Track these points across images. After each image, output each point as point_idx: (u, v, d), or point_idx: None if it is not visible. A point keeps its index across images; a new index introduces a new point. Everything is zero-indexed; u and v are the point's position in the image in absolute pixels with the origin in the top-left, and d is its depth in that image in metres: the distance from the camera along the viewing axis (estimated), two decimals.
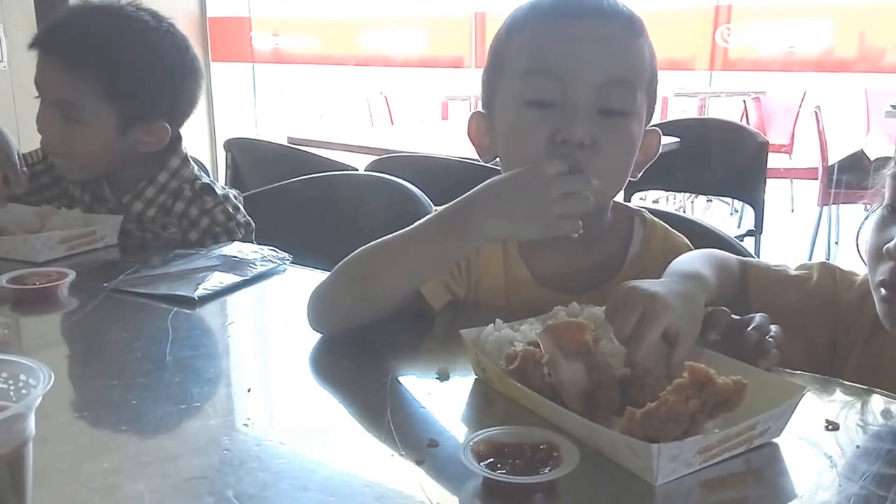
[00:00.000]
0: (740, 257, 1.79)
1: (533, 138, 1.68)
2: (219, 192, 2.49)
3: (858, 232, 1.62)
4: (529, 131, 1.70)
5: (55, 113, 2.34)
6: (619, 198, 1.96)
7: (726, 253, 1.77)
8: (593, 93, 1.66)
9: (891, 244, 1.47)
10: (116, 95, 2.32)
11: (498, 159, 1.83)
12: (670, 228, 1.93)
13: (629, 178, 1.81)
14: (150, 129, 2.40)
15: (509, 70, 1.76)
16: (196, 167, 2.56)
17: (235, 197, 2.54)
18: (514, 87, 1.74)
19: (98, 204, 2.52)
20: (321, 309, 1.69)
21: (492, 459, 1.11)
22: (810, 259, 6.70)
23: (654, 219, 1.94)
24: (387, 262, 1.66)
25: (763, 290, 1.72)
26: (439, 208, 1.69)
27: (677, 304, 1.39)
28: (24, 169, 2.45)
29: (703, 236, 2.01)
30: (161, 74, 2.39)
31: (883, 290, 1.52)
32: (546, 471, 1.09)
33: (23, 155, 2.49)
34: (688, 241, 1.90)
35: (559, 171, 1.51)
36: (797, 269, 1.77)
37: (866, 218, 1.63)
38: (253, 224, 2.51)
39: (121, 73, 2.32)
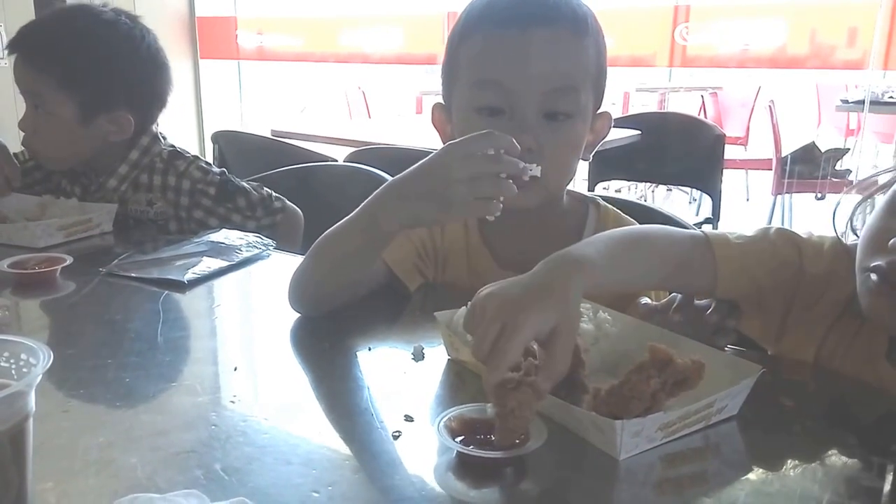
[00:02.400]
0: (693, 231, 1.68)
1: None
2: (187, 154, 2.56)
3: (835, 212, 1.53)
4: None
5: (29, 105, 2.41)
6: (584, 187, 1.97)
7: (669, 233, 1.59)
8: (538, 99, 1.67)
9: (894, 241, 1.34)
10: (70, 85, 2.37)
11: None
12: (622, 214, 1.93)
13: (581, 160, 1.83)
14: (113, 118, 2.44)
15: (461, 75, 1.77)
16: (166, 142, 2.61)
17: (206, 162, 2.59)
18: (465, 95, 1.76)
19: (87, 193, 2.55)
20: (298, 291, 1.70)
21: (464, 436, 1.12)
22: None
23: (608, 205, 1.94)
24: (337, 246, 1.65)
25: (728, 261, 1.62)
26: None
27: (544, 306, 1.20)
28: (16, 164, 2.50)
29: (663, 224, 2.01)
30: (114, 64, 2.43)
31: (874, 276, 1.38)
32: (517, 445, 1.09)
33: (16, 153, 2.52)
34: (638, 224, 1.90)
35: (478, 152, 1.40)
36: (756, 232, 1.66)
37: (838, 204, 1.57)
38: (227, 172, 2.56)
39: (72, 64, 2.37)
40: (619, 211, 1.93)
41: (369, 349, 1.54)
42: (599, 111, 1.82)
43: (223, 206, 2.47)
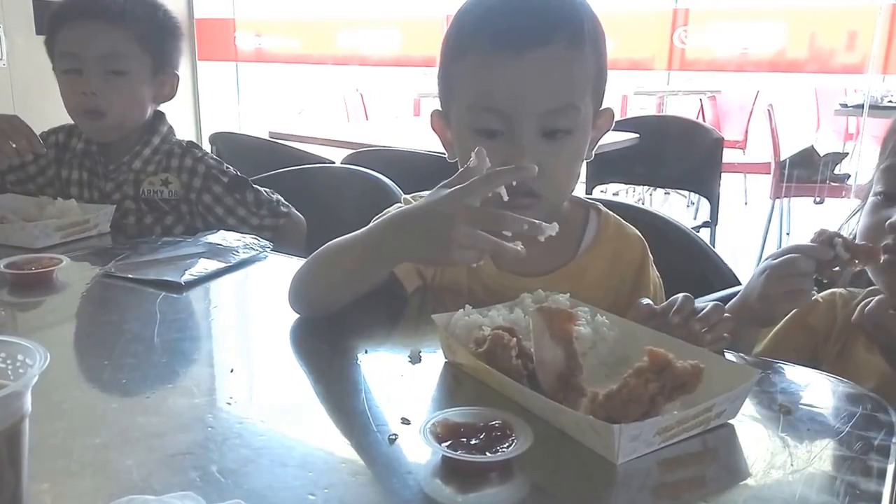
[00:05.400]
0: None
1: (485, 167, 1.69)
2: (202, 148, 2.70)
3: (851, 223, 1.72)
4: None
5: (96, 72, 2.48)
6: (582, 190, 1.97)
7: None
8: (536, 121, 1.65)
9: (894, 219, 1.58)
10: (147, 43, 2.53)
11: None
12: (623, 221, 1.94)
13: (585, 160, 1.82)
14: (167, 76, 2.63)
15: (457, 92, 1.76)
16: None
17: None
18: (462, 115, 1.74)
19: (96, 178, 2.62)
20: (298, 293, 1.69)
21: (450, 440, 1.12)
22: (762, 249, 6.75)
23: (608, 211, 1.94)
24: (340, 260, 1.64)
25: None
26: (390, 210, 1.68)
27: None
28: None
29: (661, 227, 2.02)
30: (168, 24, 2.63)
31: (885, 256, 1.57)
32: (505, 448, 1.10)
33: None
34: (639, 234, 1.92)
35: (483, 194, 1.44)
36: None
37: (855, 212, 1.71)
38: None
39: (147, 23, 2.54)
40: (619, 219, 1.93)
41: (366, 352, 1.53)
42: (602, 108, 1.80)
43: (232, 196, 2.58)
